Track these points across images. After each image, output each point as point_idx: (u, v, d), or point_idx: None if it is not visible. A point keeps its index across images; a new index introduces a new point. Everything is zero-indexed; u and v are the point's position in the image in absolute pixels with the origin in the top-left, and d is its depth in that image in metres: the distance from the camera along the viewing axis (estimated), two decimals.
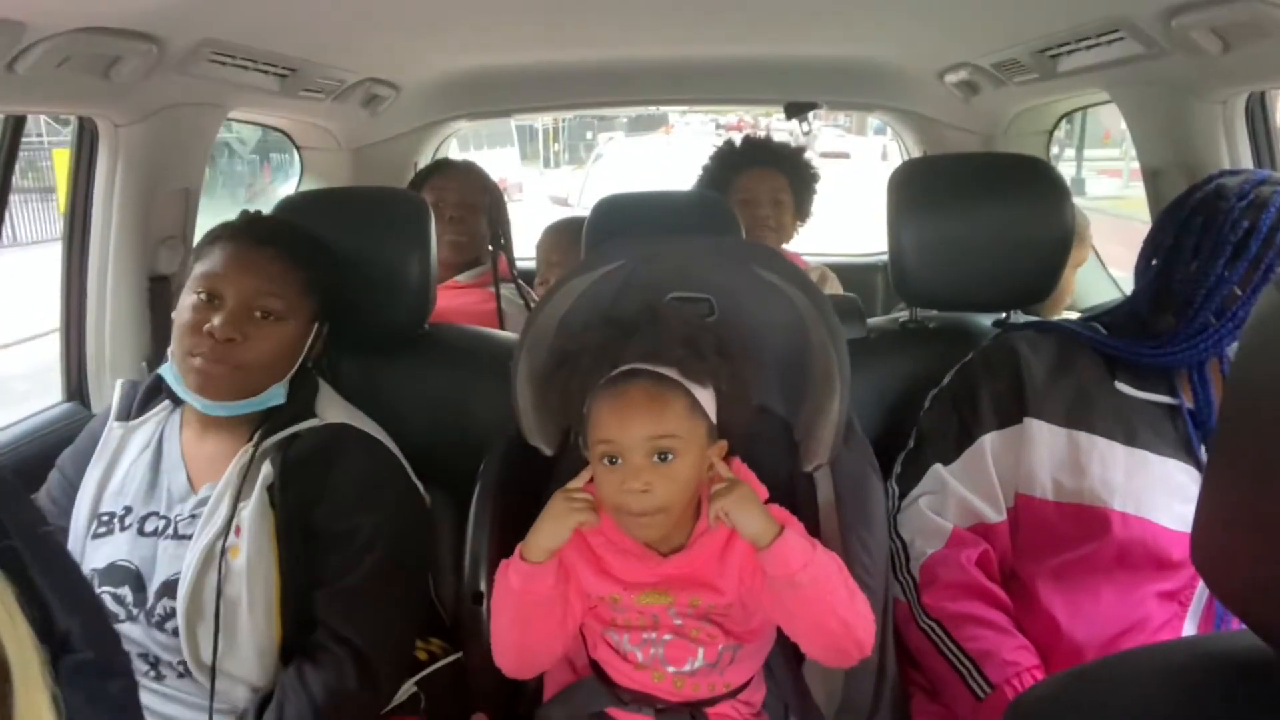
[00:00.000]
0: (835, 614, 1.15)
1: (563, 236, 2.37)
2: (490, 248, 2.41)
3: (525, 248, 2.66)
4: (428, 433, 1.54)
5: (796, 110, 2.76)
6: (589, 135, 19.59)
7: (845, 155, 14.09)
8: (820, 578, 1.14)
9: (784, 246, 2.46)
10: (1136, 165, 1.97)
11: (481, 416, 1.58)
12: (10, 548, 0.69)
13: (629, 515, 1.16)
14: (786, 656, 1.33)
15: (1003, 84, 2.25)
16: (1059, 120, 2.53)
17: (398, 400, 1.55)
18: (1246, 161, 1.75)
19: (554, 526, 1.17)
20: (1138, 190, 2.00)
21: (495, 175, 2.44)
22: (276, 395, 1.38)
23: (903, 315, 1.80)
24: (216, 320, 1.31)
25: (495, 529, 1.34)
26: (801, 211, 2.49)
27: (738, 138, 2.56)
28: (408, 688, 1.43)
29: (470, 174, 2.48)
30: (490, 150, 12.30)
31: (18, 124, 1.57)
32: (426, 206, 1.67)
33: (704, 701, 1.25)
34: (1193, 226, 1.29)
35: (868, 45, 2.41)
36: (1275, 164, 1.77)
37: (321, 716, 1.25)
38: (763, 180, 2.40)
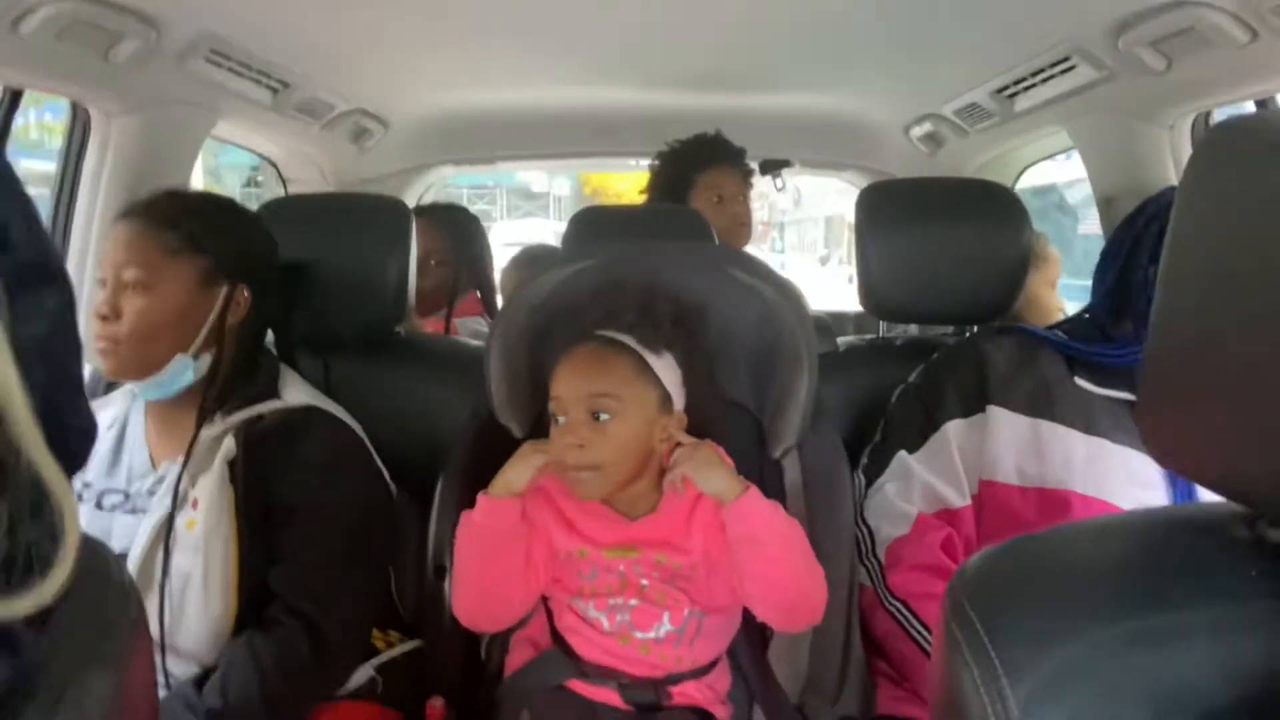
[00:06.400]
0: (793, 574, 1.17)
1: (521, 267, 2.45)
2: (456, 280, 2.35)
3: None
4: (394, 434, 1.52)
5: (771, 167, 2.87)
6: None
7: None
8: (781, 536, 1.17)
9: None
10: None
11: (448, 422, 1.55)
12: None
13: (567, 470, 1.18)
14: (751, 641, 1.32)
15: (965, 134, 2.36)
16: (1019, 174, 2.65)
17: (367, 399, 1.53)
18: None
19: (518, 466, 1.20)
20: None
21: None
22: (182, 369, 1.33)
23: (870, 336, 1.85)
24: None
25: (461, 508, 1.31)
26: None
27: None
28: (366, 672, 1.39)
29: (430, 224, 2.30)
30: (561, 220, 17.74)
31: (14, 99, 1.60)
32: (408, 211, 1.69)
33: (669, 679, 1.23)
34: (1147, 236, 1.35)
35: (834, 99, 2.52)
36: None
37: (269, 688, 1.21)
38: (731, 177, 2.30)
